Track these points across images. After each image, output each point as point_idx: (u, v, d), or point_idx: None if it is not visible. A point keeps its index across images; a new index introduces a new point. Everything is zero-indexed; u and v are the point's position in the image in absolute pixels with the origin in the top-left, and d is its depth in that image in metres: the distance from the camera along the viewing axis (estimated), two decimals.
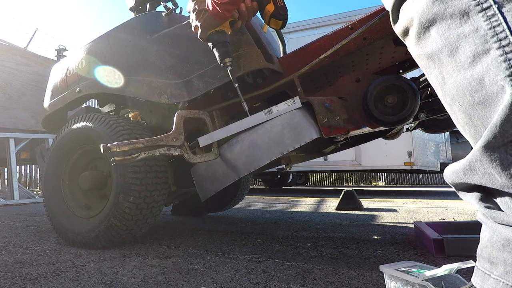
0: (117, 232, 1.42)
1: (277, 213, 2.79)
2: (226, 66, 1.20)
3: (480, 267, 0.48)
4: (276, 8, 1.19)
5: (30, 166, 10.04)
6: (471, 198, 0.48)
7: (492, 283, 0.44)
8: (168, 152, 1.19)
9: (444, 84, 0.48)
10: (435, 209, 2.97)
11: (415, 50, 0.52)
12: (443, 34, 0.46)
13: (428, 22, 0.47)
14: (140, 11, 1.80)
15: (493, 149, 0.41)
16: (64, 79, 1.78)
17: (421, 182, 11.17)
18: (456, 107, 0.47)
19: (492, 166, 0.42)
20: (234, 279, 1.04)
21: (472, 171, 0.45)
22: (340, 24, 2.08)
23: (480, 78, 0.42)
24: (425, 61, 0.51)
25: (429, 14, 0.47)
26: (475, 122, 0.44)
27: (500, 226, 0.44)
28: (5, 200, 4.11)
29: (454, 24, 0.44)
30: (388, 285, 0.80)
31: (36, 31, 6.62)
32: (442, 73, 0.48)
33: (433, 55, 0.48)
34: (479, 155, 0.43)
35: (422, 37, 0.49)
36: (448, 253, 1.26)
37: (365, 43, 1.22)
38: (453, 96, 0.47)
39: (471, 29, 0.43)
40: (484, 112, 0.42)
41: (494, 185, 0.43)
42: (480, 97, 0.42)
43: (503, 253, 0.43)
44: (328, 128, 1.19)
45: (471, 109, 0.44)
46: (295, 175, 8.13)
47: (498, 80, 0.40)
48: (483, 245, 0.48)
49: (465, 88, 0.44)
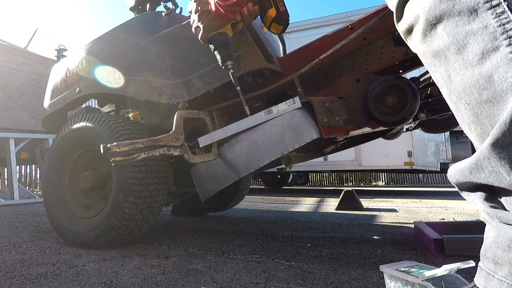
0: (117, 232, 1.42)
1: (277, 213, 2.79)
2: (228, 68, 1.19)
3: (484, 268, 0.47)
4: (278, 13, 1.18)
5: (30, 166, 10.04)
6: (475, 197, 0.48)
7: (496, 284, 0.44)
8: (168, 152, 1.19)
9: (450, 82, 0.47)
10: (435, 209, 2.97)
11: (420, 48, 0.52)
12: (450, 32, 0.45)
13: (435, 19, 0.47)
14: (140, 11, 1.80)
15: (502, 147, 0.41)
16: (64, 79, 1.78)
17: (421, 182, 11.17)
18: (462, 105, 0.46)
19: (501, 164, 0.41)
20: (234, 279, 1.04)
21: (479, 169, 0.44)
22: (340, 24, 2.09)
23: (489, 75, 0.42)
24: (430, 59, 0.50)
25: (436, 11, 0.46)
26: (482, 120, 0.44)
27: (506, 226, 0.44)
28: (5, 200, 4.11)
29: (462, 21, 0.44)
30: (388, 285, 0.80)
31: (36, 31, 6.62)
32: (448, 71, 0.47)
33: (439, 52, 0.48)
34: (487, 153, 0.42)
35: (428, 35, 0.49)
36: (448, 253, 1.26)
37: (365, 43, 1.22)
38: (459, 94, 0.46)
39: (479, 26, 0.43)
40: (492, 110, 0.42)
41: (502, 184, 0.42)
42: (488, 95, 0.42)
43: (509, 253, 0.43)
44: (328, 128, 1.19)
45: (478, 107, 0.44)
46: (295, 175, 8.13)
47: (508, 77, 0.40)
48: (487, 245, 0.47)
49: (472, 86, 0.44)
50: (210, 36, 1.18)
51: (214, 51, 1.20)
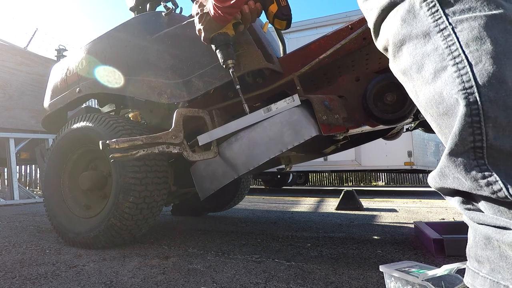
0: (117, 232, 1.42)
1: (277, 213, 2.79)
2: (229, 68, 1.20)
3: (470, 267, 0.50)
4: (279, 8, 1.19)
5: (30, 166, 10.04)
6: (454, 201, 0.52)
7: (481, 281, 0.47)
8: (167, 149, 1.19)
9: (417, 97, 0.53)
10: (435, 209, 2.97)
11: (392, 66, 0.57)
12: (411, 53, 0.51)
13: (400, 42, 0.52)
14: (140, 11, 1.80)
15: (456, 156, 0.46)
16: (64, 79, 1.78)
17: (421, 182, 11.17)
18: (429, 117, 0.51)
19: (457, 170, 0.46)
20: (234, 279, 1.04)
21: (445, 176, 0.49)
22: (340, 24, 2.08)
23: (440, 92, 0.47)
24: (401, 76, 0.55)
25: (399, 35, 0.52)
26: (444, 130, 0.49)
27: (480, 226, 0.47)
28: (5, 200, 4.11)
29: (419, 43, 0.49)
30: (388, 285, 0.80)
31: (36, 31, 6.61)
32: (414, 87, 0.52)
33: (405, 71, 0.53)
34: (446, 161, 0.47)
35: (397, 56, 0.54)
36: (448, 253, 1.26)
37: (365, 43, 1.22)
38: (425, 107, 0.51)
39: (432, 48, 0.48)
40: (449, 121, 0.47)
41: (464, 188, 0.46)
42: (443, 109, 0.47)
43: (486, 251, 0.46)
44: (328, 126, 1.19)
45: (439, 119, 0.49)
46: (295, 175, 8.13)
47: (453, 94, 0.45)
48: (470, 245, 0.50)
49: (431, 101, 0.49)
50: (212, 37, 1.20)
51: (216, 51, 1.21)
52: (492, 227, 0.45)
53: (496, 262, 0.44)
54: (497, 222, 0.43)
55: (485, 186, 0.43)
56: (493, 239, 0.44)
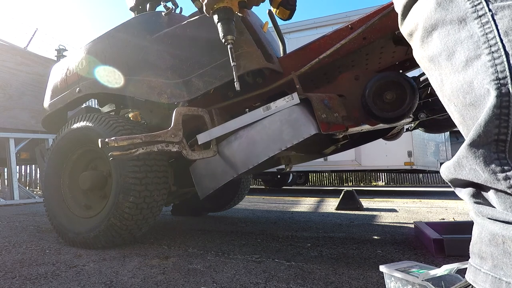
0: (117, 232, 1.42)
1: (277, 213, 2.79)
2: (228, 43, 1.19)
3: (472, 263, 0.50)
4: None
5: (30, 166, 10.03)
6: (464, 194, 0.51)
7: (483, 277, 0.46)
8: (166, 148, 1.19)
9: (443, 86, 0.51)
10: (435, 209, 2.97)
11: (418, 52, 0.55)
12: (443, 39, 0.49)
13: (431, 27, 0.50)
14: (140, 11, 1.80)
15: (477, 147, 0.45)
16: (64, 79, 1.78)
17: (421, 182, 11.17)
18: (452, 107, 0.50)
19: (476, 162, 0.45)
20: (234, 279, 1.04)
21: (461, 167, 0.48)
22: (340, 24, 2.08)
23: (471, 81, 0.45)
24: (427, 63, 0.54)
25: (432, 19, 0.50)
26: (467, 121, 0.48)
27: (487, 221, 0.47)
28: (5, 200, 4.11)
29: (453, 29, 0.47)
30: (388, 285, 0.80)
31: (36, 31, 6.61)
32: (441, 75, 0.51)
33: (433, 58, 0.51)
34: (465, 152, 0.47)
35: (425, 41, 0.52)
36: (448, 253, 1.26)
37: (365, 43, 1.22)
38: (449, 97, 0.50)
39: (466, 35, 0.46)
40: (474, 113, 0.46)
41: (479, 180, 0.46)
42: (470, 99, 0.46)
43: (490, 247, 0.46)
44: (327, 124, 1.18)
45: (463, 109, 0.48)
46: (295, 175, 8.12)
47: (484, 84, 0.43)
48: (474, 241, 0.50)
49: (458, 90, 0.47)
50: (215, 9, 1.18)
51: (217, 24, 1.20)
52: (499, 223, 0.44)
53: (500, 258, 0.44)
54: (507, 217, 0.43)
55: (502, 179, 0.43)
56: (498, 234, 0.44)
